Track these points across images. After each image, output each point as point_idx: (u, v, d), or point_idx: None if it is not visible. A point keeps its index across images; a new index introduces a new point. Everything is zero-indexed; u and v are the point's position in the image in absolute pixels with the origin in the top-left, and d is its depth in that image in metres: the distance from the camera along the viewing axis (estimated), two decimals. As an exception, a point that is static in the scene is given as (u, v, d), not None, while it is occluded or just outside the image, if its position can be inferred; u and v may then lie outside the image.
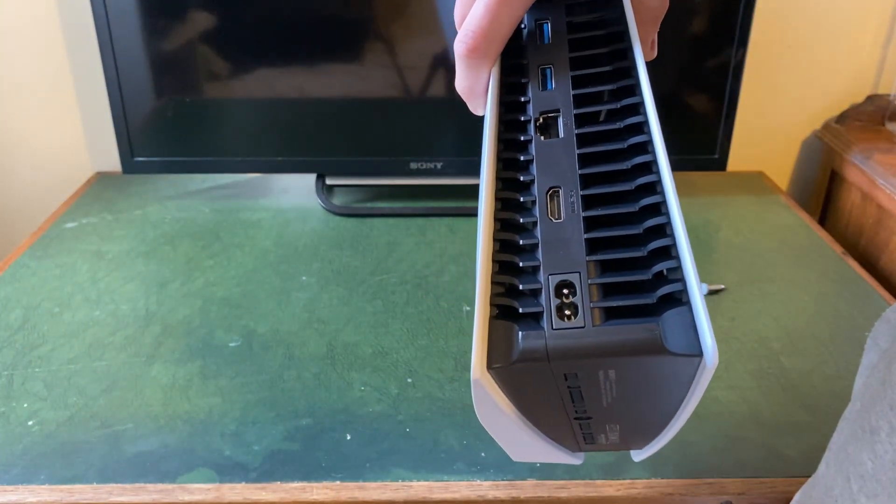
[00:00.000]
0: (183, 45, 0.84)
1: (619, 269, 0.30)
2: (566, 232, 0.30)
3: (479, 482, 0.52)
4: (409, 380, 0.62)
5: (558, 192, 0.32)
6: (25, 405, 0.59)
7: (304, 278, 0.77)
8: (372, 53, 0.84)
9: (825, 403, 0.60)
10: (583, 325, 0.28)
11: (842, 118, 1.02)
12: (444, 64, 0.85)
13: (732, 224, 0.90)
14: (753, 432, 0.57)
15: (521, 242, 0.31)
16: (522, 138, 0.34)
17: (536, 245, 0.31)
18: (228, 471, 0.53)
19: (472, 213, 0.91)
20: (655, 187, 0.31)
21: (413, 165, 0.89)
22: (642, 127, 0.33)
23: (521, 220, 0.32)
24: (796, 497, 0.43)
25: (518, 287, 0.30)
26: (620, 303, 0.28)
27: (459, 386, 0.61)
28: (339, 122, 0.88)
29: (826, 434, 0.56)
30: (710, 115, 0.89)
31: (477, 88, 0.36)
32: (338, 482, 0.52)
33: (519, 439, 0.32)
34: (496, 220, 0.32)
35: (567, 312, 0.29)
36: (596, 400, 0.30)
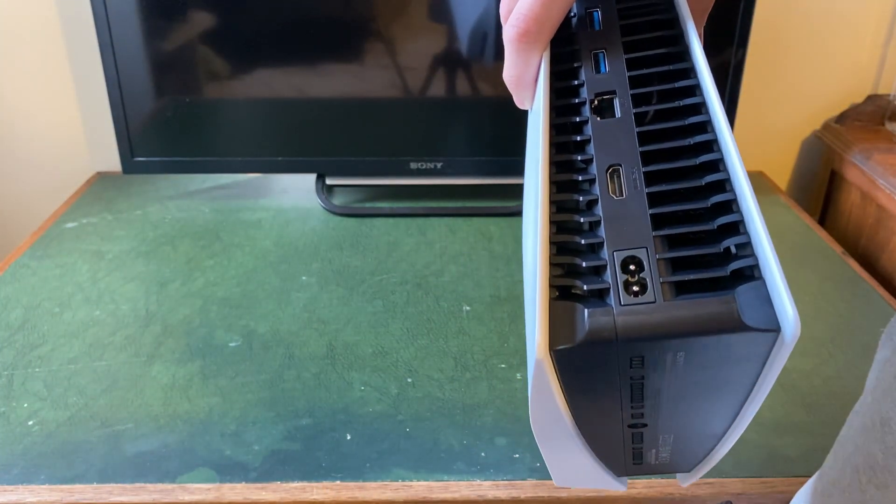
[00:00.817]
0: (183, 45, 0.84)
1: (688, 245, 0.28)
2: (630, 208, 0.29)
3: (479, 482, 0.52)
4: (409, 380, 0.62)
5: (619, 169, 0.31)
6: (25, 405, 0.59)
7: (304, 278, 0.77)
8: (372, 53, 0.84)
9: (825, 403, 0.60)
10: (653, 300, 0.27)
11: (842, 118, 1.02)
12: (445, 64, 0.85)
13: (732, 224, 0.90)
14: (753, 432, 0.57)
15: (580, 220, 0.30)
16: (577, 120, 0.33)
17: (598, 223, 0.29)
18: (228, 470, 0.53)
19: (473, 214, 0.91)
20: (718, 165, 0.30)
21: (413, 165, 0.89)
22: (700, 108, 0.32)
23: (581, 199, 0.30)
24: (801, 491, 0.43)
25: (581, 266, 0.29)
26: (692, 276, 0.27)
27: (459, 386, 0.62)
28: (339, 122, 0.88)
29: (826, 434, 0.56)
30: (710, 115, 0.89)
31: (526, 77, 0.35)
32: (338, 482, 0.52)
33: (567, 449, 0.31)
34: (552, 202, 0.31)
35: (635, 289, 0.27)
36: (658, 396, 0.29)
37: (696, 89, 0.33)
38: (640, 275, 0.27)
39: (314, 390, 0.61)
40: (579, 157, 0.32)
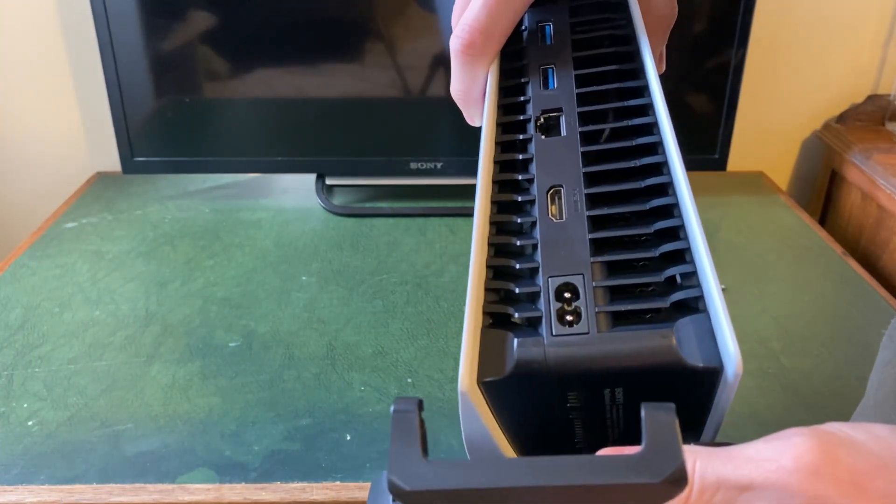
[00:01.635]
0: (183, 45, 0.84)
1: (628, 273, 0.27)
2: (569, 232, 0.27)
3: (479, 482, 0.52)
4: (409, 380, 0.62)
5: (560, 190, 0.29)
6: (25, 405, 0.59)
7: (304, 278, 0.77)
8: (372, 53, 0.84)
9: (825, 403, 0.60)
10: (587, 331, 0.25)
11: (842, 118, 1.02)
12: (444, 64, 0.85)
13: (732, 224, 0.90)
14: (753, 432, 0.57)
15: (518, 244, 0.28)
16: (521, 138, 0.31)
17: (535, 246, 0.28)
18: (228, 471, 0.53)
19: (473, 214, 0.91)
20: (667, 188, 0.28)
21: (413, 165, 0.89)
22: (652, 128, 0.30)
23: (519, 221, 0.29)
24: None
25: (514, 292, 0.27)
26: (630, 307, 0.25)
27: (459, 386, 0.61)
28: (339, 122, 0.88)
29: (826, 434, 0.56)
30: (711, 114, 0.89)
31: (473, 92, 0.33)
32: (338, 482, 0.52)
33: None
34: (491, 223, 0.29)
35: (569, 318, 0.25)
36: (602, 428, 0.27)
37: (647, 108, 0.31)
38: (575, 303, 0.26)
39: (314, 390, 0.61)
40: (521, 177, 0.30)
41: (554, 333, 0.25)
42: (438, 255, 0.82)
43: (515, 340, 0.25)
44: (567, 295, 0.26)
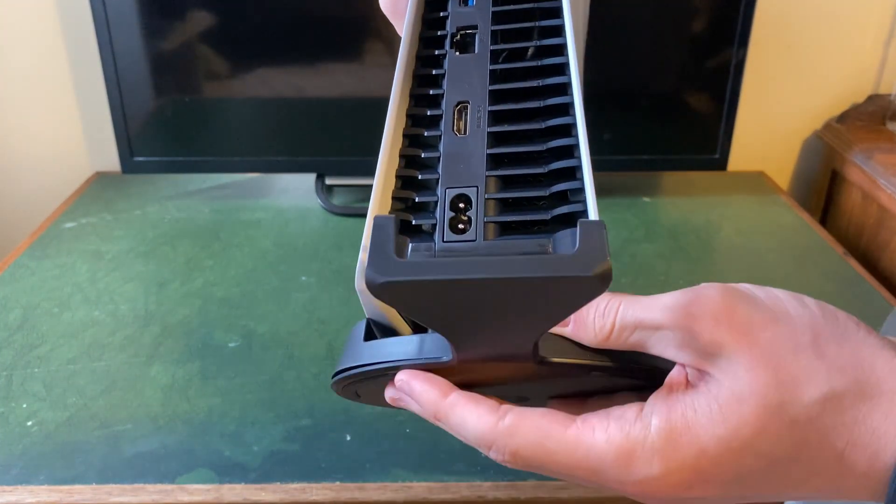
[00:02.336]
0: (182, 44, 0.84)
1: (519, 187, 0.29)
2: (469, 146, 0.30)
3: (479, 483, 0.52)
4: (409, 380, 0.62)
5: (467, 106, 0.31)
6: (24, 405, 0.59)
7: (303, 278, 0.77)
8: (372, 53, 0.84)
9: (826, 404, 0.60)
10: (474, 238, 0.27)
11: (843, 118, 1.02)
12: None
13: (733, 224, 0.90)
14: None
15: (422, 156, 0.30)
16: (437, 53, 0.33)
17: (438, 159, 0.30)
18: (228, 471, 0.52)
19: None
20: (567, 109, 0.30)
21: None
22: (560, 49, 0.32)
23: (426, 135, 0.31)
24: None
25: (415, 200, 0.29)
26: (513, 218, 0.27)
27: (459, 386, 0.61)
28: (339, 122, 0.88)
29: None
30: (711, 114, 0.89)
31: (399, 3, 0.35)
32: (337, 483, 0.52)
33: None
34: (405, 136, 0.31)
35: (460, 227, 0.28)
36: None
37: (560, 30, 0.32)
38: (468, 213, 0.28)
39: (314, 391, 0.60)
40: (432, 92, 0.32)
41: (444, 240, 0.27)
42: (438, 255, 0.82)
43: (410, 245, 0.27)
44: (461, 205, 0.28)
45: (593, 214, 0.26)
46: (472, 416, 0.29)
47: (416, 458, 0.54)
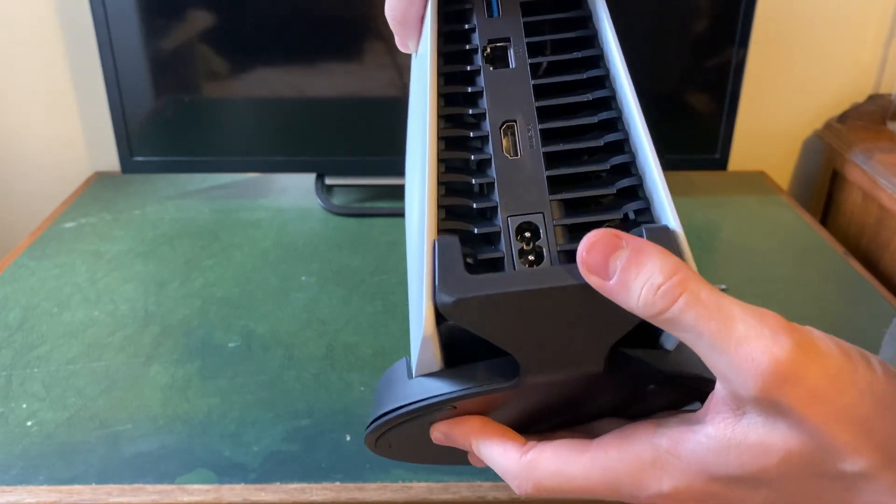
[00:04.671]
0: (182, 44, 0.84)
1: (587, 210, 0.27)
2: (525, 169, 0.28)
3: (479, 483, 0.52)
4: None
5: (513, 126, 0.28)
6: (24, 406, 0.58)
7: (303, 278, 0.77)
8: (372, 53, 0.84)
9: (827, 404, 0.60)
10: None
11: (843, 118, 1.02)
12: (445, 63, 0.84)
13: (733, 224, 0.90)
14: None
15: (472, 182, 0.28)
16: (469, 69, 0.30)
17: (492, 185, 0.28)
18: (228, 471, 0.52)
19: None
20: (617, 123, 0.28)
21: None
22: (598, 61, 0.30)
23: (472, 158, 0.28)
24: None
25: (473, 232, 0.27)
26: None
27: (459, 386, 0.61)
28: (339, 122, 0.88)
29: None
30: (711, 114, 0.89)
31: (411, 12, 0.31)
32: (337, 483, 0.52)
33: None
34: (440, 161, 0.28)
35: (531, 258, 0.26)
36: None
37: (594, 40, 0.30)
38: (536, 242, 0.26)
39: (314, 391, 0.60)
40: (470, 112, 0.29)
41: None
42: (438, 255, 0.82)
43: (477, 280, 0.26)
44: (527, 234, 0.26)
45: (673, 222, 0.25)
46: (497, 453, 0.29)
47: (416, 459, 0.54)
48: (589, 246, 0.25)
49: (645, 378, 0.28)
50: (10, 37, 0.96)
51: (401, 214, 0.91)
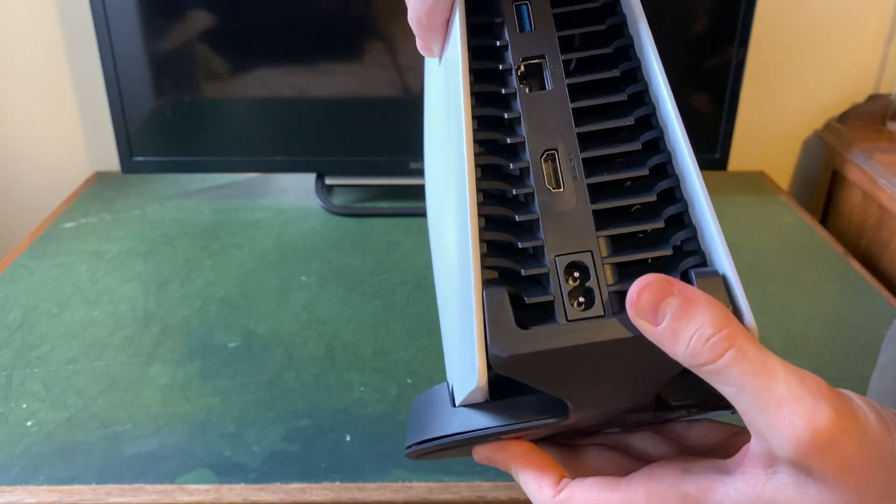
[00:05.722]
0: (182, 44, 0.84)
1: (634, 246, 0.26)
2: (569, 203, 0.26)
3: (478, 483, 0.52)
4: (409, 380, 0.62)
5: (554, 154, 0.27)
6: (24, 406, 0.58)
7: (303, 278, 0.77)
8: (372, 53, 0.84)
9: (827, 404, 0.60)
10: (602, 314, 0.25)
11: (843, 118, 1.02)
12: (445, 63, 0.84)
13: (733, 224, 0.90)
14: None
15: (516, 218, 0.26)
16: (504, 91, 0.28)
17: (536, 221, 0.26)
18: (228, 471, 0.52)
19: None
20: (659, 143, 0.27)
21: (413, 165, 0.89)
22: (636, 74, 0.28)
23: (515, 193, 0.27)
24: None
25: (520, 273, 0.26)
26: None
27: (459, 386, 0.61)
28: (339, 122, 0.88)
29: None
30: (711, 114, 0.89)
31: (437, 15, 0.29)
32: (337, 483, 0.52)
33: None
34: (479, 191, 0.27)
35: (581, 300, 0.25)
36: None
37: (630, 50, 0.28)
38: (587, 283, 0.25)
39: (314, 391, 0.60)
40: (509, 140, 0.27)
41: (569, 318, 0.25)
42: (438, 255, 0.82)
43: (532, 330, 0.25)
44: (576, 274, 0.25)
45: (724, 261, 0.25)
46: (533, 487, 0.30)
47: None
48: (640, 290, 0.25)
49: (689, 406, 0.28)
50: (10, 37, 0.96)
51: (401, 214, 0.91)
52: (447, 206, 0.28)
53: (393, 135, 0.88)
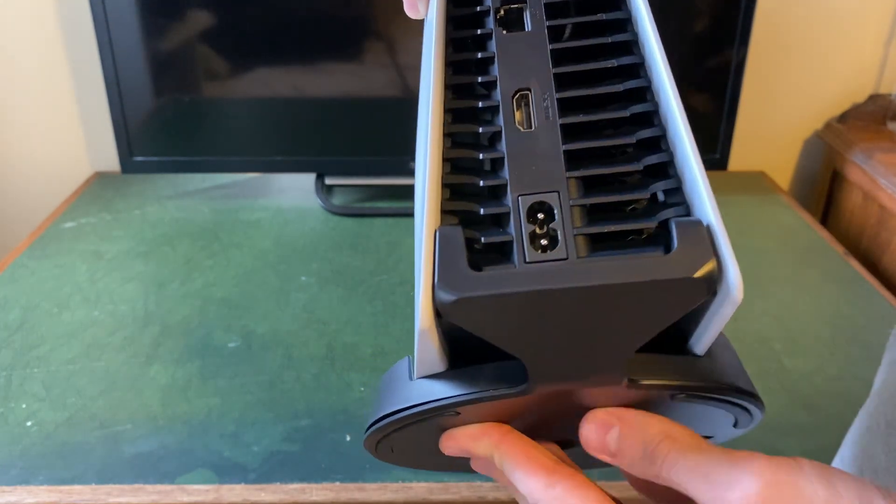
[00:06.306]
0: (182, 44, 0.84)
1: (609, 189, 0.24)
2: (539, 143, 0.24)
3: (478, 483, 0.52)
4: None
5: (528, 95, 0.25)
6: (24, 406, 0.58)
7: (303, 278, 0.77)
8: (371, 52, 0.84)
9: (826, 404, 0.60)
10: (565, 256, 0.23)
11: (843, 118, 1.02)
12: (444, 63, 0.84)
13: (734, 224, 0.90)
14: (754, 432, 0.57)
15: (480, 157, 0.25)
16: (479, 32, 0.27)
17: (501, 160, 0.24)
18: (227, 472, 0.52)
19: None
20: (646, 93, 0.25)
21: (413, 165, 0.89)
22: (625, 24, 0.27)
23: (481, 131, 0.25)
24: None
25: (479, 213, 0.24)
26: (613, 227, 0.23)
27: (459, 386, 0.61)
28: (339, 122, 0.88)
29: (827, 435, 0.56)
30: (712, 114, 0.89)
31: None
32: (337, 483, 0.52)
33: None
34: (446, 136, 0.25)
35: (543, 242, 0.23)
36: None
37: (620, 1, 0.27)
38: (550, 225, 0.23)
39: (313, 391, 0.60)
40: (480, 79, 0.26)
41: (527, 260, 0.23)
42: (438, 255, 0.82)
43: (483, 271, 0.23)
44: (540, 216, 0.23)
45: (708, 211, 0.22)
46: (521, 471, 0.27)
47: (416, 459, 0.54)
48: (587, 431, 0.26)
49: (670, 389, 0.26)
50: (10, 37, 0.96)
51: (401, 214, 0.91)
52: (419, 168, 0.27)
53: (393, 135, 0.88)
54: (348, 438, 0.55)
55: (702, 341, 0.26)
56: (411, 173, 0.90)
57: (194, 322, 0.69)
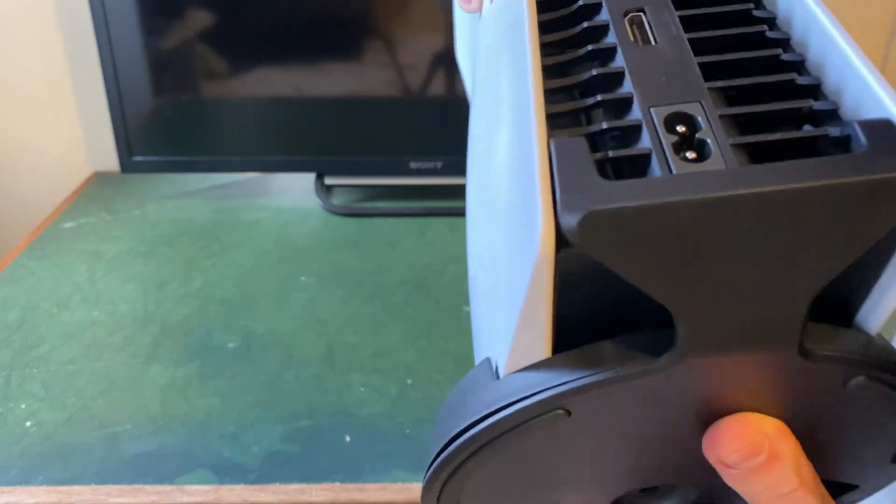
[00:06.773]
0: (181, 44, 0.84)
1: (762, 100, 0.19)
2: (666, 57, 0.20)
3: (479, 484, 0.52)
4: (409, 381, 0.62)
5: (641, 17, 0.21)
6: (23, 406, 0.58)
7: (303, 278, 0.77)
8: (371, 52, 0.84)
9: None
10: (723, 167, 0.17)
11: (843, 118, 1.02)
12: (444, 62, 0.84)
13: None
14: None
15: (594, 74, 0.20)
16: None
17: (621, 75, 0.20)
18: (227, 472, 0.52)
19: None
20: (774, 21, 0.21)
21: (413, 165, 0.89)
22: None
23: (590, 48, 0.21)
24: None
25: (598, 128, 0.19)
26: (780, 136, 0.18)
27: (459, 387, 0.61)
28: (339, 121, 0.87)
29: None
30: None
31: None
32: (337, 484, 0.52)
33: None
34: (543, 45, 0.21)
35: (689, 155, 0.18)
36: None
37: None
38: (697, 135, 0.18)
39: (313, 391, 0.60)
40: (581, 2, 0.22)
41: (674, 172, 0.17)
42: (438, 255, 0.82)
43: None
44: (679, 129, 0.18)
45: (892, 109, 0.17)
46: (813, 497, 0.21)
47: (417, 459, 0.54)
48: (728, 438, 0.19)
49: (853, 366, 0.19)
50: (10, 37, 0.96)
51: (401, 214, 0.91)
52: (493, 140, 0.22)
53: (393, 135, 0.88)
54: (348, 439, 0.55)
55: (876, 313, 0.19)
56: (411, 173, 0.90)
57: (194, 322, 0.69)
